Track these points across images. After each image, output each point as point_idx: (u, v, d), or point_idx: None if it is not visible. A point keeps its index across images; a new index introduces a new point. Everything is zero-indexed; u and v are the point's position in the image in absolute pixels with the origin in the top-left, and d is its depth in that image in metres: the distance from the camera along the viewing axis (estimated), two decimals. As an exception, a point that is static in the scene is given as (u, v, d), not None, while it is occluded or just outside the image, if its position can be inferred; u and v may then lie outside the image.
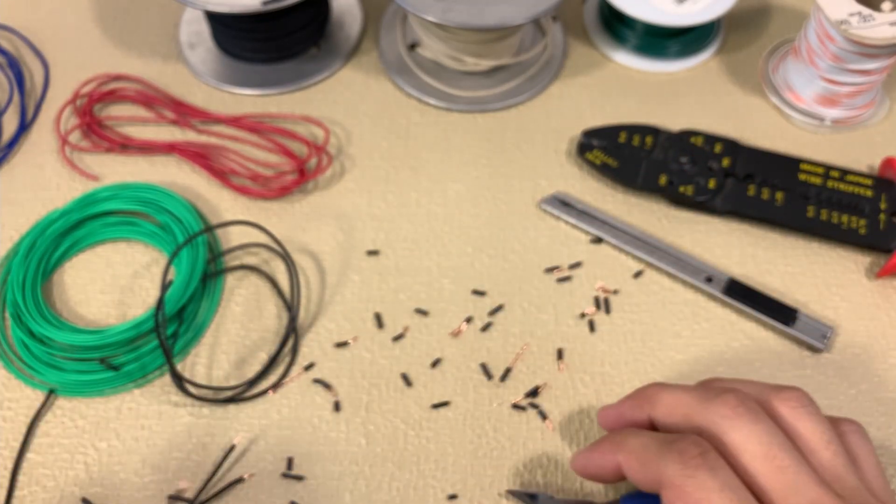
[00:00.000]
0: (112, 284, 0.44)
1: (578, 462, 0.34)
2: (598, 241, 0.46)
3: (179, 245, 0.44)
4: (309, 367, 0.42)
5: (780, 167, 0.47)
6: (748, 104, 0.52)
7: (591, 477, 0.34)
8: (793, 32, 0.54)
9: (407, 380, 0.41)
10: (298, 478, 0.38)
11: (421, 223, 0.47)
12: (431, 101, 0.52)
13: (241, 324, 0.43)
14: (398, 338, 0.43)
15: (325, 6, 0.55)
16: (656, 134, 0.48)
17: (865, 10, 0.45)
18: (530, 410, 0.40)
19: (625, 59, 0.54)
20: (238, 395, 0.41)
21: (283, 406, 0.40)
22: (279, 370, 0.42)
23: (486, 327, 0.43)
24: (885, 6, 0.46)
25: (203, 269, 0.44)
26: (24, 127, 0.51)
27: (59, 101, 0.52)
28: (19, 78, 0.53)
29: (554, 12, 0.56)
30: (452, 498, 0.38)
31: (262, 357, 0.42)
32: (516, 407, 0.40)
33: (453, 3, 0.46)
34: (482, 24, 0.45)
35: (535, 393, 0.41)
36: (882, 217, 0.45)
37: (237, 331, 0.43)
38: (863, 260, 0.45)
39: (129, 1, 0.58)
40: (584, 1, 0.58)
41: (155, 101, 0.51)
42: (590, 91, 0.53)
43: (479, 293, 0.44)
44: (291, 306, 0.43)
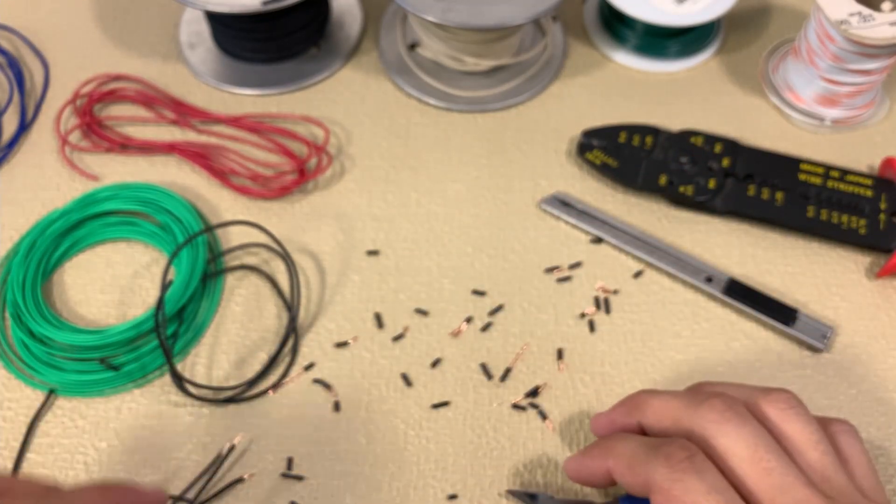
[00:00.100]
0: (112, 284, 0.44)
1: (571, 467, 0.34)
2: (598, 241, 0.46)
3: (179, 245, 0.44)
4: (309, 367, 0.42)
5: (780, 167, 0.47)
6: (748, 104, 0.52)
7: (583, 482, 0.34)
8: (793, 32, 0.54)
9: (407, 380, 0.41)
10: (298, 478, 0.38)
11: (421, 223, 0.47)
12: (431, 101, 0.52)
13: (241, 324, 0.43)
14: (398, 338, 0.43)
15: (325, 6, 0.55)
16: (656, 134, 0.48)
17: (865, 10, 0.45)
18: (530, 410, 0.40)
19: (625, 59, 0.54)
20: (238, 395, 0.41)
21: (283, 406, 0.40)
22: (279, 370, 0.42)
23: (486, 327, 0.43)
24: (885, 6, 0.46)
25: (203, 269, 0.44)
26: (24, 127, 0.51)
27: (59, 101, 0.52)
28: (19, 78, 0.53)
29: (554, 12, 0.56)
30: (452, 498, 0.38)
31: (262, 357, 0.42)
32: (516, 407, 0.40)
33: (453, 3, 0.46)
34: (482, 24, 0.45)
35: (535, 393, 0.41)
36: (882, 217, 0.45)
37: (237, 331, 0.43)
38: (863, 260, 0.45)
39: (129, 1, 0.58)
40: (584, 1, 0.58)
41: (155, 101, 0.51)
42: (590, 91, 0.53)
43: (479, 293, 0.44)
44: (291, 306, 0.43)
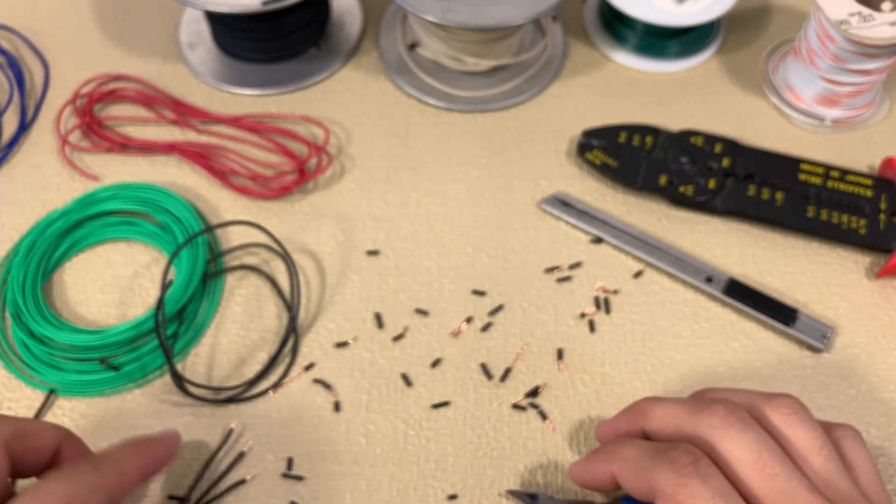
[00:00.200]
0: (112, 284, 0.44)
1: (575, 472, 0.34)
2: (598, 241, 0.46)
3: (179, 245, 0.44)
4: (309, 367, 0.42)
5: (780, 167, 0.47)
6: (748, 104, 0.52)
7: (588, 486, 0.34)
8: (793, 32, 0.54)
9: (407, 380, 0.41)
10: (298, 478, 0.38)
11: (421, 223, 0.47)
12: (431, 101, 0.52)
13: (241, 324, 0.43)
14: (398, 338, 0.43)
15: (325, 6, 0.55)
16: (656, 134, 0.48)
17: (865, 10, 0.45)
18: (530, 410, 0.40)
19: (625, 59, 0.54)
20: (238, 395, 0.41)
21: (283, 406, 0.40)
22: (279, 370, 0.42)
23: (486, 327, 0.43)
24: (885, 6, 0.46)
25: (203, 269, 0.44)
26: (24, 127, 0.51)
27: (59, 101, 0.52)
28: (19, 78, 0.53)
29: (554, 12, 0.56)
30: (452, 498, 0.38)
31: (262, 357, 0.42)
32: (516, 407, 0.40)
33: (453, 3, 0.46)
34: (482, 24, 0.45)
35: (535, 393, 0.41)
36: (882, 217, 0.45)
37: (237, 331, 0.43)
38: (863, 260, 0.45)
39: (129, 1, 0.58)
40: (584, 1, 0.58)
41: (155, 101, 0.51)
42: (590, 91, 0.53)
43: (479, 293, 0.44)
44: (291, 306, 0.43)
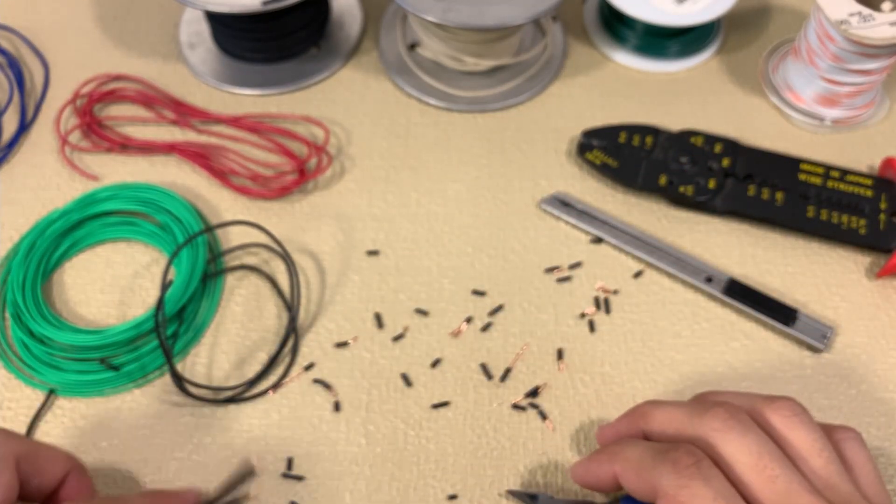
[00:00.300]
0: (112, 284, 0.44)
1: (577, 472, 0.34)
2: (598, 241, 0.46)
3: (179, 245, 0.44)
4: (309, 367, 0.42)
5: (780, 167, 0.47)
6: (748, 104, 0.52)
7: (589, 486, 0.34)
8: (793, 32, 0.54)
9: (407, 380, 0.41)
10: (298, 478, 0.38)
11: (421, 223, 0.47)
12: (431, 101, 0.52)
13: (241, 324, 0.43)
14: (398, 338, 0.43)
15: (325, 6, 0.55)
16: (656, 134, 0.48)
17: (865, 10, 0.45)
18: (530, 410, 0.40)
19: (625, 59, 0.54)
20: (238, 395, 0.41)
21: (283, 406, 0.40)
22: (279, 370, 0.42)
23: (486, 327, 0.43)
24: (885, 6, 0.46)
25: (203, 269, 0.44)
26: (24, 127, 0.51)
27: (59, 101, 0.52)
28: (19, 78, 0.53)
29: (554, 12, 0.56)
30: (452, 498, 0.38)
31: (262, 357, 0.42)
32: (516, 407, 0.40)
33: (453, 3, 0.46)
34: (482, 24, 0.45)
35: (535, 393, 0.41)
36: (882, 217, 0.45)
37: (237, 331, 0.43)
38: (863, 260, 0.45)
39: (129, 1, 0.58)
40: (584, 1, 0.58)
41: (155, 101, 0.51)
42: (590, 91, 0.53)
43: (479, 293, 0.44)
44: (291, 306, 0.43)
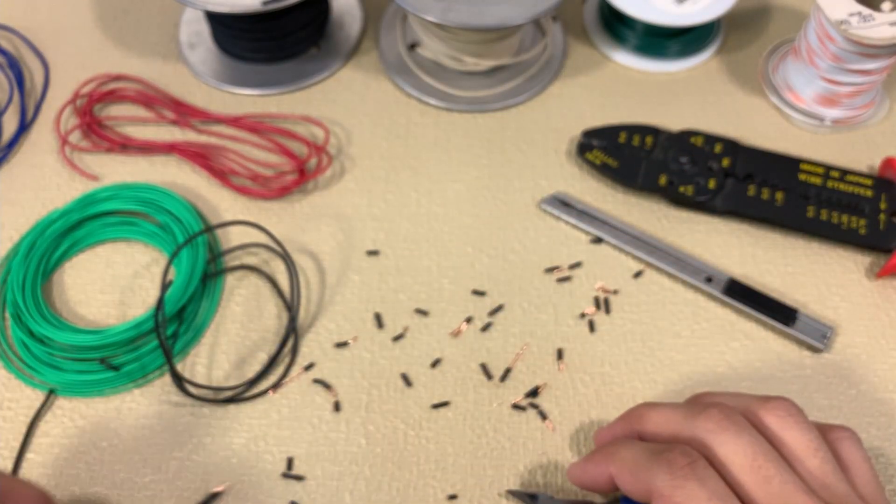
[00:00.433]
0: (112, 284, 0.44)
1: (574, 473, 0.35)
2: (598, 241, 0.46)
3: (179, 245, 0.44)
4: (309, 367, 0.42)
5: (780, 167, 0.47)
6: (748, 104, 0.52)
7: (586, 487, 0.34)
8: (793, 32, 0.54)
9: (407, 380, 0.41)
10: (298, 478, 0.38)
11: (421, 223, 0.47)
12: (431, 101, 0.52)
13: (241, 324, 0.43)
14: (398, 338, 0.43)
15: (325, 6, 0.55)
16: (656, 134, 0.48)
17: (865, 10, 0.45)
18: (530, 410, 0.40)
19: (625, 59, 0.54)
20: (238, 395, 0.41)
21: (283, 406, 0.40)
22: (279, 370, 0.42)
23: (486, 327, 0.43)
24: (885, 6, 0.46)
25: (203, 269, 0.44)
26: (24, 127, 0.51)
27: (59, 101, 0.52)
28: (19, 78, 0.53)
29: (554, 12, 0.56)
30: (452, 498, 0.38)
31: (262, 357, 0.42)
32: (516, 407, 0.40)
33: (453, 3, 0.46)
34: (482, 24, 0.45)
35: (535, 393, 0.41)
36: (882, 217, 0.45)
37: (237, 331, 0.43)
38: (863, 260, 0.45)
39: (129, 1, 0.58)
40: (584, 1, 0.58)
41: (155, 101, 0.51)
42: (590, 91, 0.53)
43: (479, 293, 0.44)
44: (291, 306, 0.43)
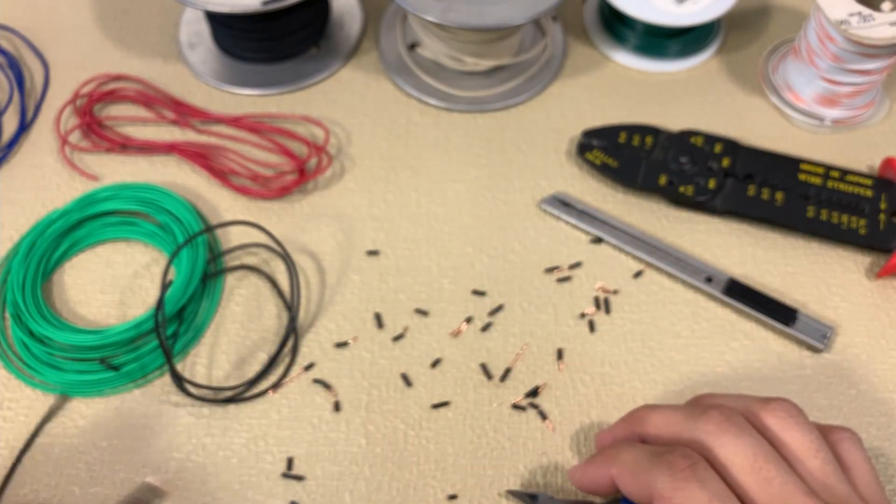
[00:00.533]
0: (112, 284, 0.44)
1: (575, 475, 0.35)
2: (598, 241, 0.46)
3: (179, 245, 0.44)
4: (309, 367, 0.42)
5: (780, 167, 0.47)
6: (748, 104, 0.52)
7: (588, 490, 0.34)
8: (793, 32, 0.54)
9: (407, 380, 0.41)
10: (298, 478, 0.38)
11: (421, 223, 0.47)
12: (431, 101, 0.52)
13: (241, 324, 0.43)
14: (398, 338, 0.43)
15: (325, 6, 0.55)
16: (656, 134, 0.48)
17: (865, 10, 0.45)
18: (530, 410, 0.40)
19: (625, 59, 0.54)
20: (238, 395, 0.41)
21: (283, 406, 0.40)
22: (279, 370, 0.42)
23: (486, 327, 0.43)
24: (885, 6, 0.46)
25: (203, 269, 0.44)
26: (24, 127, 0.51)
27: (59, 101, 0.52)
28: (19, 78, 0.53)
29: (554, 12, 0.56)
30: (452, 498, 0.38)
31: (262, 357, 0.42)
32: (516, 407, 0.40)
33: (453, 3, 0.46)
34: (482, 24, 0.45)
35: (535, 393, 0.41)
36: (882, 217, 0.45)
37: (237, 331, 0.43)
38: (863, 260, 0.45)
39: (129, 1, 0.58)
40: (584, 1, 0.58)
41: (155, 101, 0.51)
42: (590, 91, 0.53)
43: (479, 293, 0.44)
44: (291, 306, 0.43)
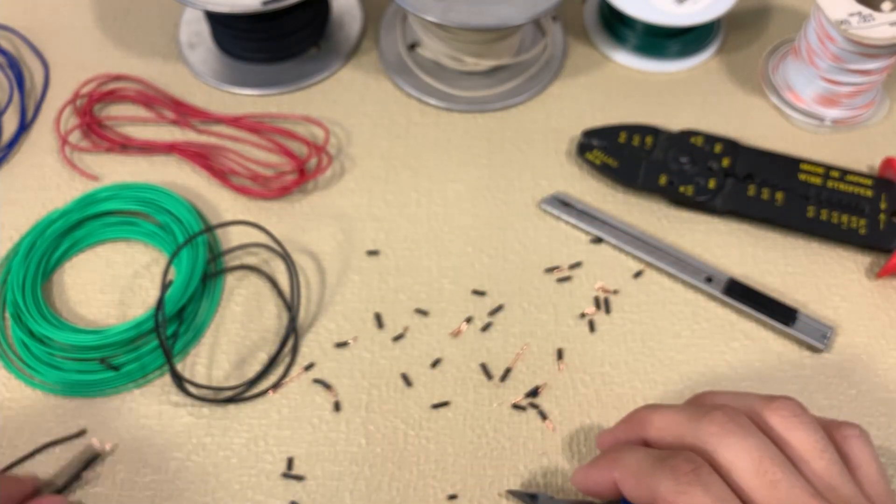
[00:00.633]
0: (112, 284, 0.44)
1: (577, 478, 0.34)
2: (598, 241, 0.46)
3: (179, 245, 0.44)
4: (309, 367, 0.42)
5: (780, 167, 0.47)
6: (748, 104, 0.52)
7: (590, 493, 0.34)
8: (793, 32, 0.54)
9: (407, 380, 0.41)
10: (298, 478, 0.38)
11: (421, 223, 0.47)
12: (431, 101, 0.52)
13: (241, 324, 0.43)
14: (398, 338, 0.43)
15: (325, 6, 0.55)
16: (656, 134, 0.48)
17: (865, 10, 0.45)
18: (530, 410, 0.40)
19: (625, 59, 0.54)
20: (238, 395, 0.41)
21: (283, 406, 0.40)
22: (279, 370, 0.42)
23: (486, 327, 0.43)
24: (885, 6, 0.46)
25: (203, 269, 0.44)
26: (24, 127, 0.51)
27: (59, 101, 0.52)
28: (19, 78, 0.53)
29: (554, 12, 0.56)
30: (452, 498, 0.38)
31: (262, 357, 0.42)
32: (516, 407, 0.40)
33: (453, 3, 0.46)
34: (482, 24, 0.45)
35: (535, 393, 0.41)
36: (882, 217, 0.45)
37: (237, 331, 0.43)
38: (863, 260, 0.45)
39: (129, 1, 0.58)
40: (584, 1, 0.58)
41: (155, 101, 0.51)
42: (590, 91, 0.53)
43: (479, 293, 0.44)
44: (291, 306, 0.43)
